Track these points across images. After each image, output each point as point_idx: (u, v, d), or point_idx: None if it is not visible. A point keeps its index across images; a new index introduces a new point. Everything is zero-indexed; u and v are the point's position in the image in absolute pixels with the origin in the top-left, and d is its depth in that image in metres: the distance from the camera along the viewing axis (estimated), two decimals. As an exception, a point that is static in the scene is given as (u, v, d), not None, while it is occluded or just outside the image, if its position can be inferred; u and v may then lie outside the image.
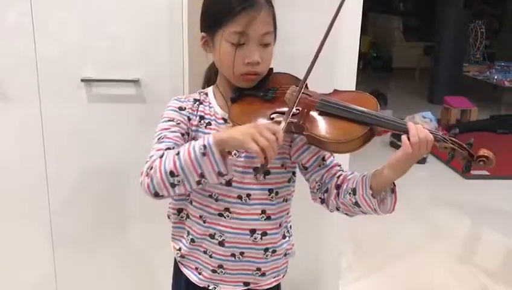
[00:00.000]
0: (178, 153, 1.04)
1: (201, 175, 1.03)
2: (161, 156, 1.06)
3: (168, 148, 1.11)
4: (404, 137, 1.05)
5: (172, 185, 1.05)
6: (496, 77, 7.35)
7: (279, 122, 1.07)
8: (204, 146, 1.01)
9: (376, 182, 1.12)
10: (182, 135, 1.18)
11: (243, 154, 1.21)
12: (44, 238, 2.10)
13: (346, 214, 1.23)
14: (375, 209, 1.13)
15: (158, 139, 1.15)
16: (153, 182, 1.06)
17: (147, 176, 1.07)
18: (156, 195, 1.08)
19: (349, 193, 1.16)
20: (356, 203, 1.15)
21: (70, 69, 1.93)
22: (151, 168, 1.06)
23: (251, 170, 1.21)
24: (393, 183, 1.13)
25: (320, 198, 1.25)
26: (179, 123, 1.19)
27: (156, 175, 1.05)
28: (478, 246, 3.47)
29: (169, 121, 1.19)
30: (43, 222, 2.08)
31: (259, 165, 1.03)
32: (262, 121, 1.13)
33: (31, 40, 1.89)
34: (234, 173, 1.21)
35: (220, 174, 1.04)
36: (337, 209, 1.23)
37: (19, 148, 2.01)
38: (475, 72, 7.86)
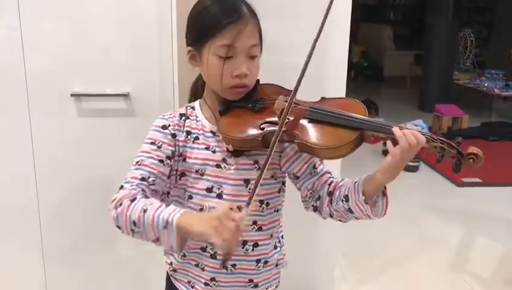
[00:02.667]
0: (145, 211, 1.06)
1: (158, 239, 1.07)
2: (132, 200, 1.09)
3: (143, 178, 1.14)
4: (389, 142, 1.06)
5: (133, 231, 1.09)
6: (486, 85, 7.43)
7: (240, 208, 1.02)
8: (167, 222, 1.03)
9: (368, 186, 1.13)
10: (161, 161, 1.18)
11: (233, 167, 1.21)
12: (35, 252, 2.09)
13: (339, 220, 1.24)
14: (368, 215, 1.15)
15: (136, 162, 1.17)
16: (118, 219, 1.10)
17: (115, 209, 1.10)
18: (119, 228, 1.12)
19: (342, 200, 1.17)
20: (349, 210, 1.16)
21: (60, 83, 1.93)
22: (121, 204, 1.09)
23: (242, 183, 1.22)
24: (385, 186, 1.14)
25: (312, 206, 1.26)
26: (160, 146, 1.19)
27: (122, 217, 1.09)
28: (470, 253, 3.47)
29: (151, 143, 1.20)
30: (34, 235, 2.07)
31: (221, 259, 1.03)
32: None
33: (20, 55, 1.89)
34: (225, 185, 1.21)
35: (172, 248, 1.07)
36: (331, 216, 1.23)
37: (9, 163, 2.00)
38: (465, 80, 7.93)
